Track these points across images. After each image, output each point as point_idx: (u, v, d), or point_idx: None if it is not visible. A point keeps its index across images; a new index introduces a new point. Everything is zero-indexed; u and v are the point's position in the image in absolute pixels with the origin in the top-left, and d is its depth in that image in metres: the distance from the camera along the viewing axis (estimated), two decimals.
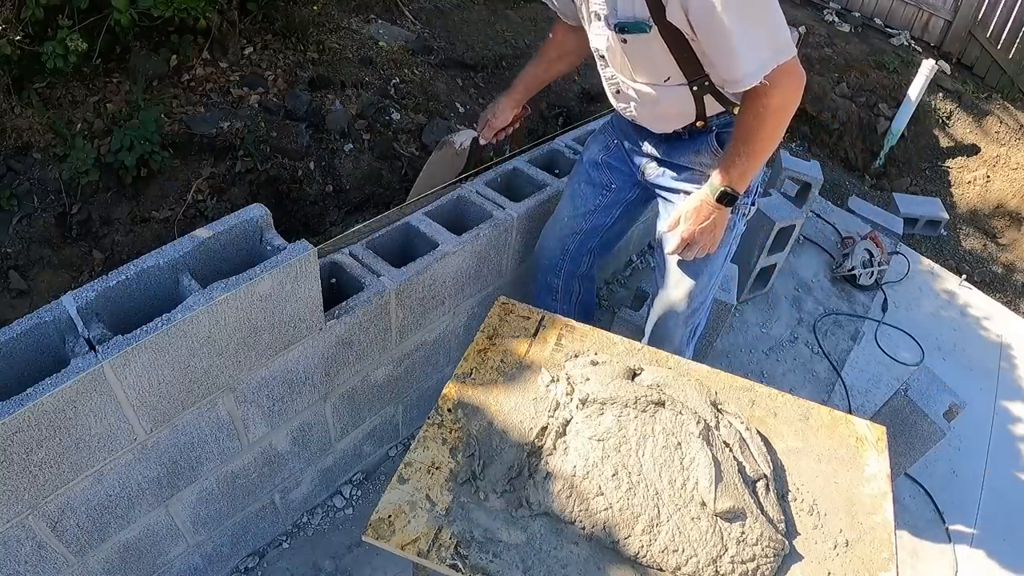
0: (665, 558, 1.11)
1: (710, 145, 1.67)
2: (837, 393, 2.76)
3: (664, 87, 1.58)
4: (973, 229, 4.46)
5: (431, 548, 1.10)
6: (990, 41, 5.25)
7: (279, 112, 2.71)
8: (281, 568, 1.92)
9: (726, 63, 1.42)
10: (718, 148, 1.66)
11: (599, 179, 1.92)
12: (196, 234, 1.41)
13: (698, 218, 1.61)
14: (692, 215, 1.62)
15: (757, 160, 1.55)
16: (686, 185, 1.73)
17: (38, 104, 2.38)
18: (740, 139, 1.53)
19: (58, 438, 1.22)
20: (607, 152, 1.91)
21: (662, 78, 1.56)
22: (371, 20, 3.39)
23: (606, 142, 1.92)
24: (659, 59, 1.52)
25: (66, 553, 1.38)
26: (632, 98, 1.67)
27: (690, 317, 1.86)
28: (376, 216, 2.01)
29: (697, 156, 1.70)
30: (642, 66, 1.57)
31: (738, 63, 1.39)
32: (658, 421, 1.23)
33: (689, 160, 1.72)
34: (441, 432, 1.27)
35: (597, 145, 1.94)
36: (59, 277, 2.25)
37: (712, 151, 1.67)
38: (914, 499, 2.39)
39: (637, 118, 1.74)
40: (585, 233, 1.99)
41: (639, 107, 1.69)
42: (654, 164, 1.80)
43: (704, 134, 1.67)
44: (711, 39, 1.40)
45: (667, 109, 1.64)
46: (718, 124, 1.65)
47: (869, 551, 1.17)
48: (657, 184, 1.82)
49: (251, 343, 1.47)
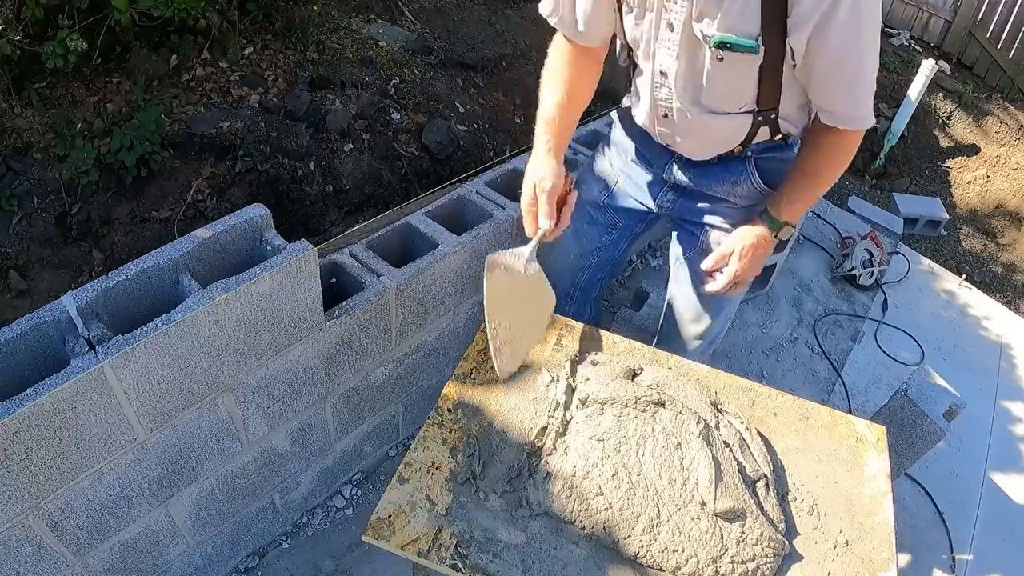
0: (665, 558, 1.11)
1: (750, 176, 1.50)
2: (837, 393, 2.76)
3: (730, 115, 1.38)
4: (973, 229, 4.46)
5: (431, 548, 1.10)
6: (990, 41, 5.25)
7: (279, 112, 2.71)
8: (281, 568, 1.92)
9: (850, 97, 1.27)
10: (759, 181, 1.49)
11: (603, 219, 1.75)
12: (196, 234, 1.41)
13: (755, 256, 1.45)
14: (749, 252, 1.44)
15: (820, 193, 1.45)
16: (710, 218, 1.57)
17: (38, 104, 2.38)
18: (811, 172, 1.40)
19: (58, 438, 1.22)
20: (609, 195, 1.72)
21: (737, 106, 1.37)
22: (371, 20, 3.39)
23: (606, 182, 1.72)
24: (746, 84, 1.32)
25: (66, 553, 1.38)
26: (683, 124, 1.44)
27: (708, 347, 1.81)
28: (376, 216, 2.01)
29: (735, 187, 1.52)
30: (721, 91, 1.35)
31: (863, 98, 1.26)
32: (658, 421, 1.23)
33: (725, 191, 1.53)
34: (441, 432, 1.27)
35: (597, 185, 1.74)
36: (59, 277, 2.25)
37: (753, 183, 1.50)
38: (914, 499, 2.39)
39: (676, 145, 1.52)
40: (595, 267, 1.86)
41: (686, 135, 1.47)
42: (673, 195, 1.62)
43: (741, 161, 1.49)
44: (842, 68, 1.24)
45: (718, 137, 1.45)
46: (755, 149, 1.47)
47: (869, 551, 1.17)
48: (682, 217, 1.64)
49: (251, 343, 1.47)
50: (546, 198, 1.36)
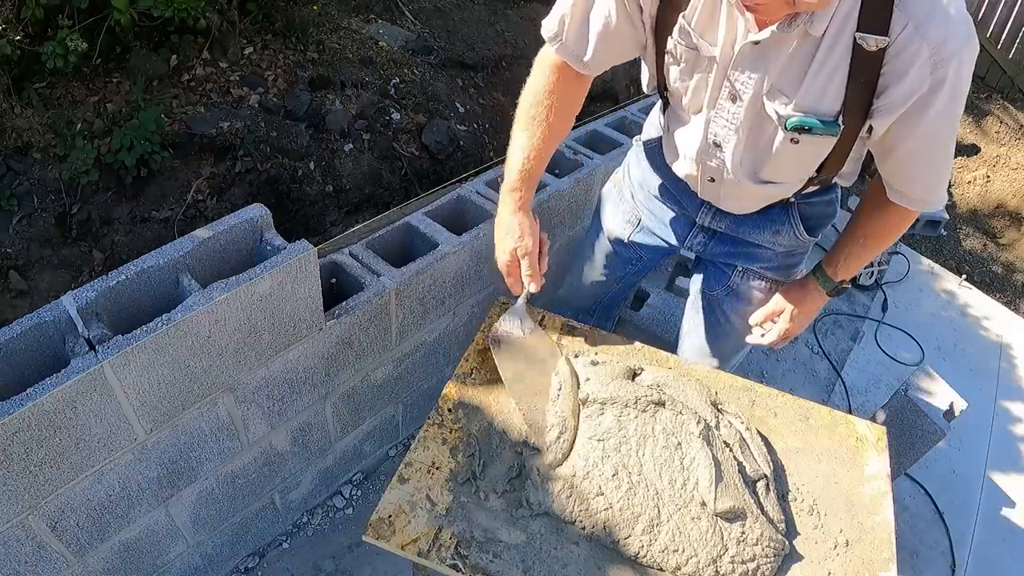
0: (665, 558, 1.11)
1: (794, 227, 1.41)
2: (837, 393, 2.76)
3: (788, 183, 1.31)
4: (973, 229, 4.46)
5: (431, 548, 1.10)
6: (990, 41, 5.25)
7: (279, 112, 2.72)
8: (281, 568, 1.92)
9: (927, 183, 1.19)
10: (802, 230, 1.42)
11: (626, 254, 1.66)
12: (196, 234, 1.41)
13: (804, 314, 1.43)
14: (797, 312, 1.41)
15: (876, 255, 1.41)
16: (744, 262, 1.49)
17: (38, 104, 2.38)
18: (873, 235, 1.34)
19: (58, 438, 1.22)
20: (633, 229, 1.61)
21: (798, 177, 1.29)
22: (371, 20, 3.39)
23: (629, 216, 1.61)
24: (816, 161, 1.23)
25: (66, 553, 1.38)
26: (732, 189, 1.35)
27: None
28: (376, 216, 2.01)
29: (776, 236, 1.43)
30: (785, 168, 1.26)
31: (942, 184, 1.19)
32: (658, 421, 1.23)
33: (765, 240, 1.44)
34: (441, 432, 1.27)
35: (619, 217, 1.63)
36: (59, 277, 2.25)
37: (796, 232, 1.42)
38: (914, 499, 2.39)
39: (721, 204, 1.42)
40: (617, 292, 1.80)
41: (734, 197, 1.38)
42: (704, 238, 1.52)
43: (783, 209, 1.40)
44: (926, 156, 1.15)
45: (768, 198, 1.37)
46: (798, 197, 1.38)
47: (869, 551, 1.17)
48: (714, 260, 1.55)
49: (251, 343, 1.47)
50: (528, 261, 1.31)
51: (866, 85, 1.07)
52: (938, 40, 1.01)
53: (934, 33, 1.00)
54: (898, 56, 1.03)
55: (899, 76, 1.04)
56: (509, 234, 1.33)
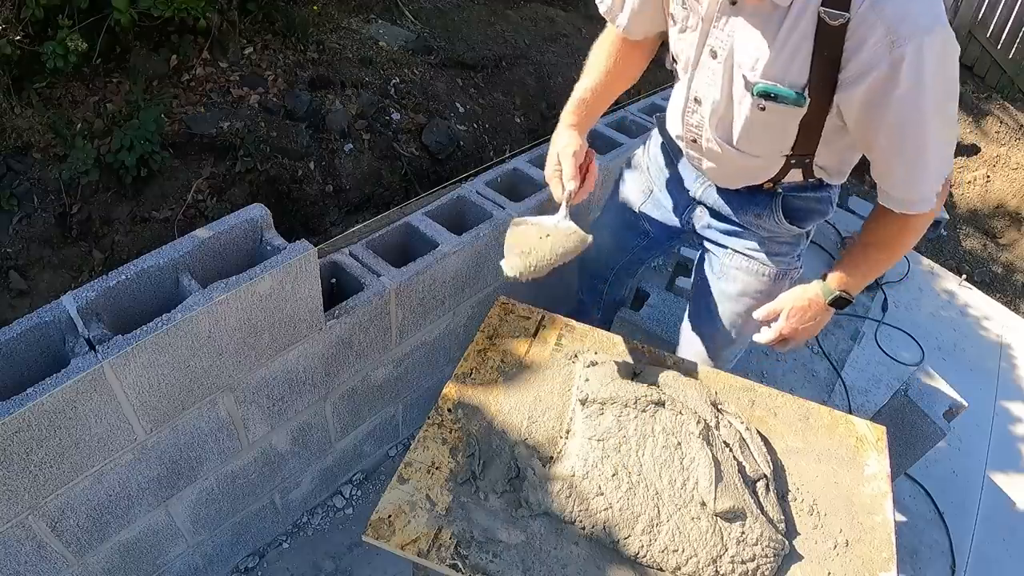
0: (665, 558, 1.11)
1: (774, 213, 1.46)
2: (837, 393, 2.75)
3: (762, 157, 1.35)
4: (973, 229, 4.46)
5: (431, 548, 1.10)
6: (990, 41, 5.26)
7: (279, 112, 2.72)
8: (281, 568, 1.92)
9: (908, 180, 1.19)
10: (782, 218, 1.46)
11: (638, 226, 1.74)
12: (196, 234, 1.41)
13: (803, 318, 1.41)
14: (797, 314, 1.41)
15: (884, 269, 1.39)
16: (732, 243, 1.56)
17: (38, 104, 2.38)
18: (877, 246, 1.34)
19: (58, 438, 1.22)
20: (643, 201, 1.71)
21: (770, 151, 1.33)
22: (371, 20, 3.40)
23: (643, 187, 1.71)
24: (784, 134, 1.27)
25: (66, 553, 1.38)
26: (710, 154, 1.43)
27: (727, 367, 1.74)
28: (376, 216, 2.01)
29: (758, 220, 1.49)
30: (755, 137, 1.30)
31: (923, 181, 1.18)
32: (658, 421, 1.23)
33: (748, 221, 1.51)
34: (441, 432, 1.27)
35: (635, 188, 1.73)
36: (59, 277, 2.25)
37: (776, 220, 1.47)
38: (914, 499, 2.39)
39: (706, 171, 1.51)
40: (627, 263, 1.87)
41: (713, 162, 1.45)
42: (700, 213, 1.60)
43: (768, 196, 1.45)
44: (901, 148, 1.15)
45: (748, 172, 1.42)
46: (785, 188, 1.42)
47: (869, 551, 1.17)
48: (706, 236, 1.62)
49: (251, 343, 1.47)
50: (570, 160, 1.35)
51: (830, 60, 1.10)
52: (894, 18, 1.03)
53: (891, 11, 1.03)
54: (856, 30, 1.06)
55: (856, 50, 1.07)
56: (556, 142, 1.43)
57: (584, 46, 1.66)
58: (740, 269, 1.56)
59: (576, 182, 1.35)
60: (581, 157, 1.37)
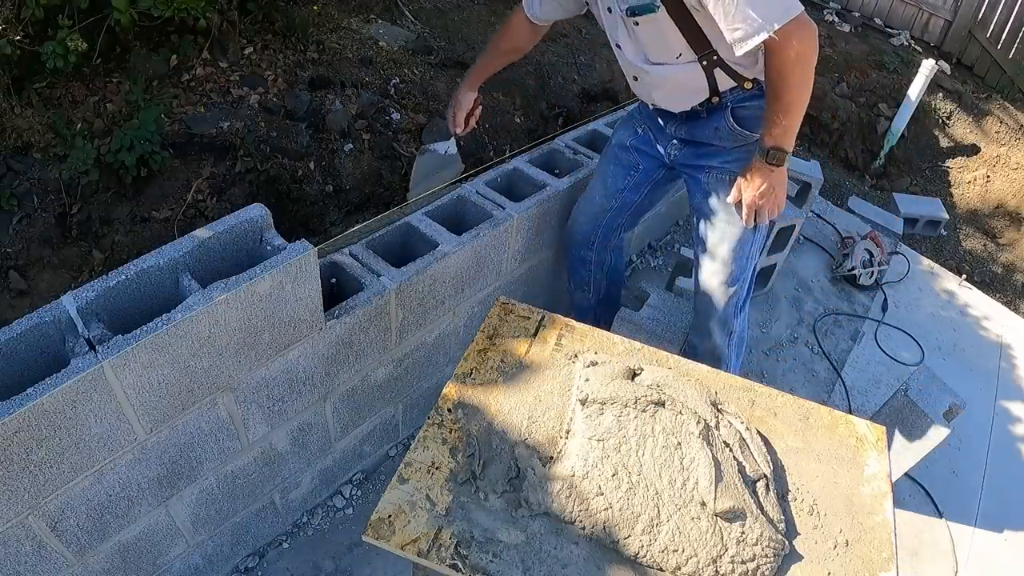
0: (665, 558, 1.11)
1: (727, 122, 1.76)
2: (837, 393, 2.76)
3: (677, 65, 1.68)
4: (973, 229, 4.46)
5: (431, 548, 1.10)
6: (990, 41, 5.26)
7: (279, 112, 2.71)
8: (281, 568, 1.92)
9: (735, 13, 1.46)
10: (735, 125, 1.75)
11: (627, 160, 2.04)
12: (196, 234, 1.41)
13: (754, 183, 1.69)
14: (747, 183, 1.71)
15: (794, 114, 1.59)
16: (707, 161, 1.84)
17: (38, 104, 2.38)
18: (771, 98, 1.60)
19: (58, 438, 1.22)
20: (635, 137, 2.02)
21: (674, 55, 1.67)
22: (371, 20, 3.40)
23: (634, 128, 2.04)
24: (669, 36, 1.62)
25: (66, 553, 1.38)
26: (649, 81, 1.77)
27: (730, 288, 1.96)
28: (376, 216, 2.01)
29: (716, 133, 1.79)
30: (654, 46, 1.68)
31: (738, 23, 1.45)
32: (658, 421, 1.23)
33: (708, 137, 1.81)
34: (441, 432, 1.27)
35: (626, 130, 2.06)
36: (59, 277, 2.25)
37: (730, 128, 1.76)
38: (914, 499, 2.39)
39: (656, 101, 1.85)
40: (616, 209, 2.12)
41: (656, 89, 1.79)
42: (678, 144, 1.91)
43: (720, 110, 1.75)
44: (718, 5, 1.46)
45: (681, 86, 1.74)
46: (732, 100, 1.73)
47: (869, 551, 1.17)
48: (682, 163, 1.93)
49: (251, 343, 1.47)
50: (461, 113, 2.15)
51: None
52: None
53: None
54: None
55: None
56: (457, 96, 2.16)
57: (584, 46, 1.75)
58: (718, 181, 1.84)
59: (460, 127, 2.16)
60: (468, 108, 2.15)
